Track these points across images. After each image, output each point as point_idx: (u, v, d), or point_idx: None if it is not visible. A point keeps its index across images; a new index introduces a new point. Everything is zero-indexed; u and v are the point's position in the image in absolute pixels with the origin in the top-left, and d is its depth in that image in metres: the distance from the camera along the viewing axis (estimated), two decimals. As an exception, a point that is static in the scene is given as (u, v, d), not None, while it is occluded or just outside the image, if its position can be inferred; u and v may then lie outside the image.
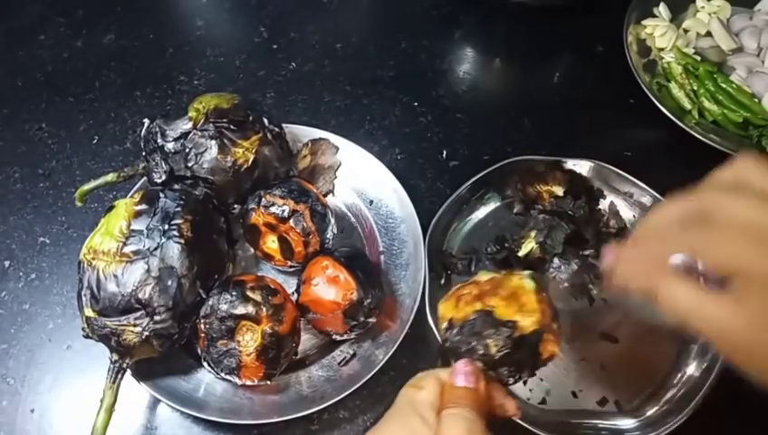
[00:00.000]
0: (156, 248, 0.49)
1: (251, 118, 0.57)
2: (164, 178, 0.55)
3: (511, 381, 0.41)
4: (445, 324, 0.43)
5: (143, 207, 0.51)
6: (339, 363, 0.54)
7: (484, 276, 0.45)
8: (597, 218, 0.61)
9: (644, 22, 0.77)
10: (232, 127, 0.55)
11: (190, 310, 0.50)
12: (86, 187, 0.57)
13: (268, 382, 0.51)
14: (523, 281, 0.43)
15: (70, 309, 0.59)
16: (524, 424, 0.49)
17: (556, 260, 0.58)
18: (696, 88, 0.71)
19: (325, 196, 0.60)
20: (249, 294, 0.49)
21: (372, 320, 0.53)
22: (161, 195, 0.52)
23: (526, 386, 0.54)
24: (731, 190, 0.34)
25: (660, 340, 0.57)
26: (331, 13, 0.84)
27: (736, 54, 0.74)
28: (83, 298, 0.49)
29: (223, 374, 0.50)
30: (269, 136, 0.57)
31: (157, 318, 0.48)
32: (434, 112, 0.73)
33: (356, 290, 0.51)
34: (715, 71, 0.72)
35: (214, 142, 0.55)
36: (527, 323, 0.40)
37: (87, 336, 0.50)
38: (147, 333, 0.48)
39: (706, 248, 0.33)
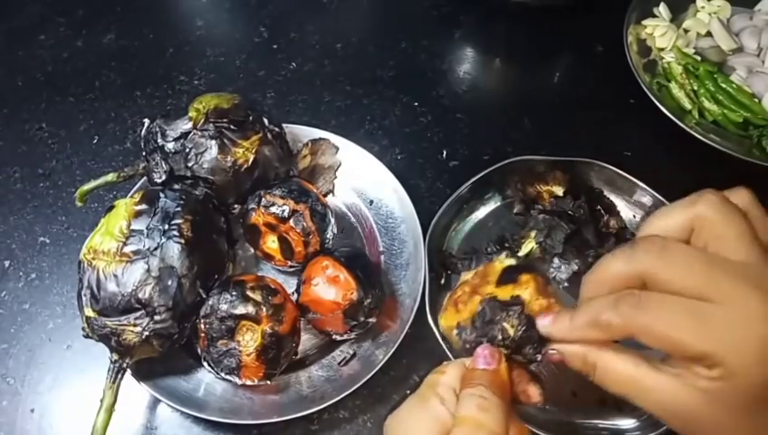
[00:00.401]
0: (156, 248, 0.49)
1: (251, 118, 0.57)
2: (164, 178, 0.55)
3: (538, 357, 0.40)
4: (455, 332, 0.42)
5: (143, 207, 0.51)
6: (339, 363, 0.54)
7: (467, 275, 0.45)
8: (597, 218, 0.61)
9: (644, 22, 0.77)
10: (232, 127, 0.55)
11: (190, 310, 0.50)
12: (86, 187, 0.57)
13: (268, 382, 0.51)
14: (504, 261, 0.43)
15: (70, 309, 0.59)
16: (524, 424, 0.49)
17: (556, 260, 0.58)
18: (696, 88, 0.71)
19: (325, 196, 0.60)
20: (249, 294, 0.49)
21: (372, 320, 0.53)
22: (161, 195, 0.52)
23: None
24: (670, 250, 0.32)
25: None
26: (331, 13, 0.84)
27: (736, 54, 0.74)
28: (83, 298, 0.49)
29: (223, 374, 0.50)
30: (269, 136, 0.57)
31: (157, 318, 0.48)
32: (434, 112, 0.73)
33: (356, 290, 0.51)
34: (715, 71, 0.72)
35: (214, 142, 0.55)
36: (528, 294, 0.40)
37: (87, 336, 0.50)
38: (147, 333, 0.48)
39: (640, 332, 0.31)
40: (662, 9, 0.77)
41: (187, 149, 0.55)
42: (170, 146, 0.55)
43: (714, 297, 0.30)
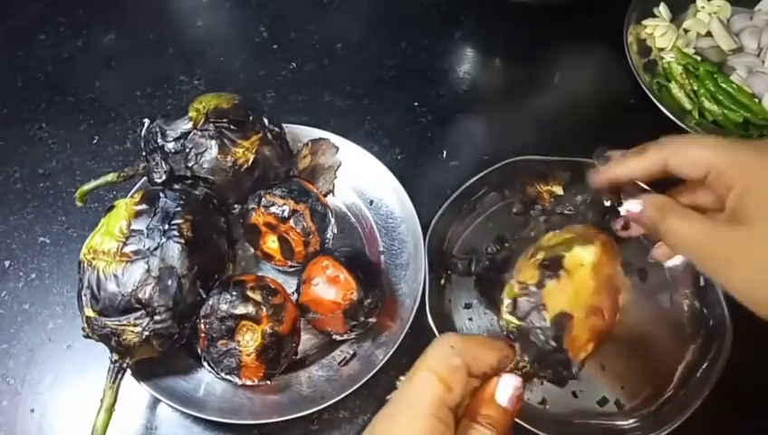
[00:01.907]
0: (156, 248, 0.49)
1: (251, 118, 0.57)
2: (164, 178, 0.55)
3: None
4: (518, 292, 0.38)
5: (143, 206, 0.51)
6: (339, 363, 0.54)
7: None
8: (597, 218, 0.61)
9: (644, 22, 0.77)
10: (232, 127, 0.55)
11: (190, 310, 0.50)
12: (86, 187, 0.57)
13: (268, 382, 0.51)
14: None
15: (70, 309, 0.59)
16: (524, 424, 0.49)
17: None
18: (696, 88, 0.71)
19: (325, 196, 0.60)
20: (249, 294, 0.49)
21: (372, 320, 0.53)
22: (161, 195, 0.52)
23: (526, 386, 0.54)
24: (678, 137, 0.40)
25: (661, 339, 0.57)
26: (331, 13, 0.84)
27: (736, 54, 0.74)
28: (83, 298, 0.49)
29: (223, 374, 0.50)
30: (269, 136, 0.57)
31: (157, 318, 0.48)
32: (434, 112, 0.73)
33: (356, 290, 0.51)
34: (715, 71, 0.72)
35: (214, 142, 0.55)
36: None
37: (87, 336, 0.50)
38: (147, 333, 0.48)
39: (674, 153, 0.39)
40: (662, 9, 0.77)
41: (187, 150, 0.55)
42: (170, 146, 0.55)
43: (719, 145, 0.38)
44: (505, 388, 0.35)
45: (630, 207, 0.41)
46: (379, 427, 0.34)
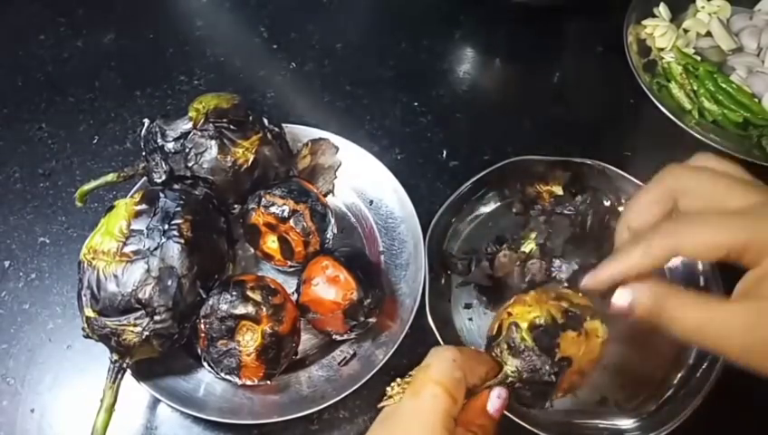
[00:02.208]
0: (156, 248, 0.49)
1: (251, 118, 0.57)
2: (164, 178, 0.56)
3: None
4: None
5: (143, 207, 0.51)
6: (339, 363, 0.54)
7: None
8: (597, 218, 0.61)
9: (644, 22, 0.77)
10: (232, 127, 0.55)
11: (190, 310, 0.50)
12: (86, 187, 0.57)
13: (268, 382, 0.51)
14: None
15: (70, 309, 0.59)
16: (524, 424, 0.49)
17: (557, 260, 0.58)
18: (696, 88, 0.71)
19: (325, 196, 0.60)
20: (249, 294, 0.49)
21: (372, 320, 0.53)
22: (161, 195, 0.52)
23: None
24: (692, 167, 0.37)
25: (661, 340, 0.57)
26: (331, 13, 0.84)
27: (736, 54, 0.74)
28: (83, 298, 0.49)
29: (223, 374, 0.50)
30: (269, 136, 0.57)
31: (157, 318, 0.48)
32: (434, 112, 0.73)
33: (356, 290, 0.51)
34: (715, 71, 0.72)
35: (214, 142, 0.55)
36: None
37: (87, 336, 0.50)
38: (147, 333, 0.48)
39: (684, 244, 0.34)
40: (662, 9, 0.77)
41: (187, 150, 0.55)
42: (170, 146, 0.55)
43: (735, 199, 0.34)
44: (496, 399, 0.38)
45: (620, 300, 0.36)
46: None
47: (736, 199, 0.34)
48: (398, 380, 0.38)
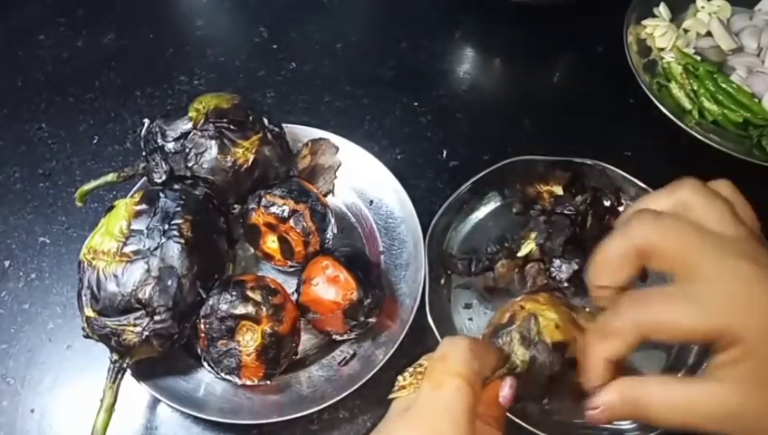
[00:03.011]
0: (156, 248, 0.49)
1: (251, 118, 0.57)
2: (164, 178, 0.55)
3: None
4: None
5: (143, 206, 0.51)
6: (339, 363, 0.54)
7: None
8: (597, 218, 0.61)
9: (644, 22, 0.77)
10: (232, 127, 0.55)
11: (190, 310, 0.50)
12: (86, 187, 0.57)
13: (268, 382, 0.51)
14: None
15: (70, 309, 0.59)
16: (524, 424, 0.49)
17: (557, 261, 0.58)
18: (695, 88, 0.71)
19: (325, 196, 0.60)
20: (249, 294, 0.49)
21: (372, 320, 0.53)
22: (161, 195, 0.52)
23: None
24: (663, 219, 0.33)
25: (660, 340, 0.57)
26: (331, 13, 0.84)
27: (736, 54, 0.74)
28: (83, 298, 0.49)
29: (223, 374, 0.50)
30: (269, 136, 0.57)
31: (157, 318, 0.48)
32: (434, 112, 0.73)
33: (356, 290, 0.51)
34: (715, 71, 0.72)
35: (214, 142, 0.55)
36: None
37: (87, 336, 0.50)
38: (147, 333, 0.48)
39: (650, 328, 0.32)
40: (662, 9, 0.77)
41: (187, 150, 0.55)
42: (170, 146, 0.55)
43: (706, 273, 0.31)
44: (508, 390, 0.38)
45: (594, 413, 0.34)
46: None
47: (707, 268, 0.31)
48: (410, 369, 0.37)
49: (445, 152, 0.70)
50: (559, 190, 0.61)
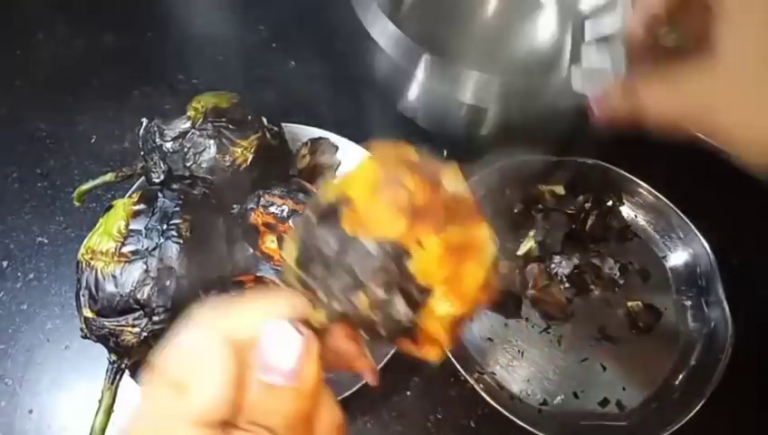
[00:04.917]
0: (154, 248, 0.49)
1: (250, 117, 0.57)
2: (162, 177, 0.55)
3: None
4: None
5: (141, 206, 0.51)
6: (338, 364, 0.54)
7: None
8: (597, 218, 0.61)
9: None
10: (231, 126, 0.55)
11: (189, 311, 0.49)
12: (84, 187, 0.57)
13: (267, 383, 0.51)
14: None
15: (68, 309, 0.59)
16: (526, 425, 0.49)
17: (557, 257, 0.58)
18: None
19: (325, 195, 0.60)
20: (248, 294, 0.49)
21: (372, 320, 0.53)
22: (160, 195, 0.52)
23: (527, 387, 0.54)
24: None
25: (661, 340, 0.57)
26: (331, 12, 0.84)
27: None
28: (82, 298, 0.49)
29: (222, 375, 0.50)
30: (268, 135, 0.57)
31: (155, 319, 0.48)
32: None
33: (355, 290, 0.51)
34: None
35: (212, 142, 0.54)
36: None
37: (85, 337, 0.50)
38: (145, 334, 0.48)
39: None
40: (662, 8, 0.77)
41: (186, 149, 0.55)
42: (169, 146, 0.55)
43: None
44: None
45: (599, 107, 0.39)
46: None
47: None
48: None
49: (445, 152, 0.70)
50: (559, 190, 0.61)
